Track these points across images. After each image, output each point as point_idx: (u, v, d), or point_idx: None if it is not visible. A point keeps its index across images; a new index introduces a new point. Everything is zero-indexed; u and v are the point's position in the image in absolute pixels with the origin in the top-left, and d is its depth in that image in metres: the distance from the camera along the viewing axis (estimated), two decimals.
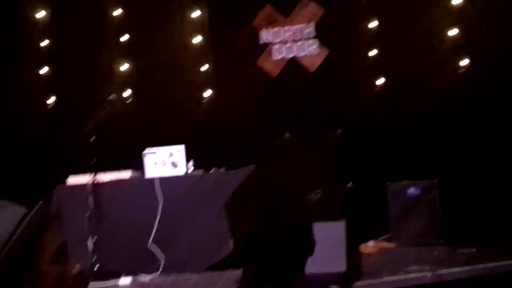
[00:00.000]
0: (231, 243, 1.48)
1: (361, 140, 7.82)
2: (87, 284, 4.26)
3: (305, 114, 8.13)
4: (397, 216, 6.81)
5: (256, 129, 8.22)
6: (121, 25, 8.66)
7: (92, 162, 5.72)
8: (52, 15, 8.74)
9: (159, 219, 5.48)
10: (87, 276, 4.94)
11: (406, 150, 7.62)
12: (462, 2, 7.66)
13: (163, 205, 5.52)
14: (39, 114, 8.47)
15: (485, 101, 7.42)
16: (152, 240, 5.43)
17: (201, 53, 8.52)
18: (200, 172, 5.91)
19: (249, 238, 1.59)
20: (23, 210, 1.55)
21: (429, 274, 4.21)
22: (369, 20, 8.00)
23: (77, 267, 1.44)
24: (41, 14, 8.68)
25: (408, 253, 5.83)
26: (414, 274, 4.28)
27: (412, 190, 6.80)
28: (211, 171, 6.01)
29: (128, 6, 8.66)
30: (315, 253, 1.69)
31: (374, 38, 8.00)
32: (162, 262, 5.35)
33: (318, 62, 8.12)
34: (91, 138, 5.80)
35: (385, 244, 6.77)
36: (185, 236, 5.52)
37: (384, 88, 7.90)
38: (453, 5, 7.70)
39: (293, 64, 8.26)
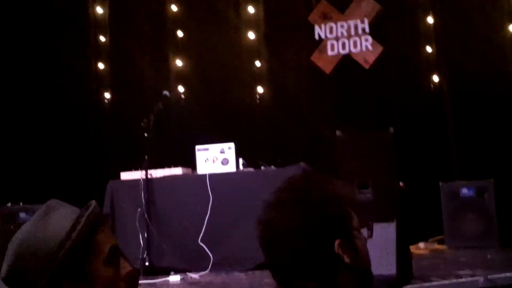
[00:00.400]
0: None
1: (415, 138, 7.72)
2: (138, 280, 4.31)
3: (359, 111, 8.07)
4: (450, 217, 6.69)
5: (309, 126, 8.20)
6: (176, 22, 8.74)
7: (145, 158, 5.79)
8: (110, 11, 8.88)
9: (209, 216, 5.51)
10: (138, 273, 5.01)
11: (461, 149, 7.49)
12: None
13: (213, 202, 5.55)
14: (94, 109, 8.62)
15: None
16: (202, 237, 5.47)
17: (256, 49, 8.53)
18: (250, 169, 5.93)
19: (299, 236, 1.57)
20: (74, 211, 1.57)
21: (481, 279, 4.12)
22: (425, 17, 7.88)
23: (128, 268, 1.45)
24: (99, 10, 8.83)
25: (460, 256, 5.72)
26: (466, 279, 4.19)
27: (466, 191, 6.67)
28: (261, 169, 6.01)
29: (184, 2, 8.74)
30: None
31: (430, 35, 7.87)
32: (212, 260, 5.38)
33: (372, 58, 8.05)
34: (145, 134, 5.86)
35: (436, 246, 6.67)
36: (235, 234, 5.53)
37: (439, 86, 7.78)
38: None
39: (347, 60, 8.21)
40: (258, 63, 8.48)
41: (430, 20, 7.87)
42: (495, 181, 6.59)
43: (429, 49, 7.86)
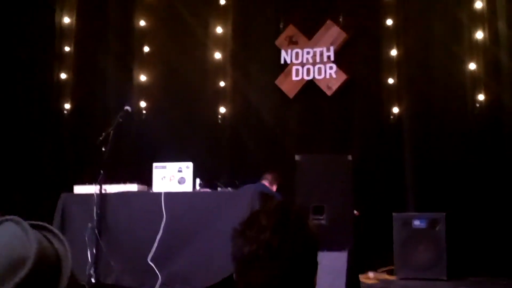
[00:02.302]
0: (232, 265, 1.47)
1: (372, 167, 7.80)
2: None
3: (319, 136, 8.13)
4: (401, 247, 6.75)
5: (269, 149, 8.23)
6: (143, 36, 8.72)
7: (100, 172, 5.73)
8: (77, 21, 8.82)
9: (161, 235, 5.46)
10: None
11: (416, 181, 7.59)
12: (483, 37, 7.63)
13: (166, 221, 5.50)
14: (53, 119, 8.52)
15: (498, 135, 7.39)
16: (152, 256, 5.42)
17: (221, 69, 8.55)
18: (206, 190, 5.91)
19: (249, 263, 1.57)
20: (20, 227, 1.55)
21: None
22: (390, 49, 8.00)
23: None
24: (66, 20, 8.77)
25: (409, 287, 5.77)
26: None
27: (418, 222, 6.75)
28: (218, 190, 6.00)
29: (152, 18, 8.73)
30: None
31: (393, 67, 7.98)
32: (160, 279, 5.34)
33: (335, 86, 8.14)
34: (102, 148, 5.81)
35: (386, 276, 6.72)
36: (186, 254, 5.48)
37: (398, 118, 7.88)
38: (475, 38, 7.66)
39: (311, 85, 8.28)
40: (222, 83, 8.50)
41: (393, 52, 7.99)
42: (447, 214, 6.69)
43: (391, 80, 7.97)
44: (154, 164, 5.94)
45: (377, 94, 8.01)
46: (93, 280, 5.37)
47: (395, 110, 7.91)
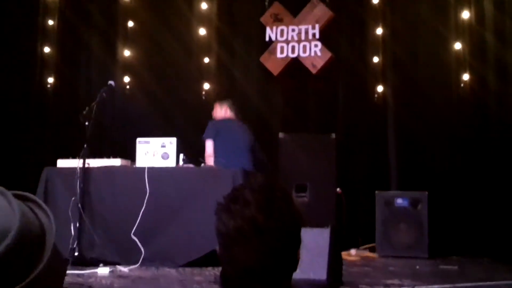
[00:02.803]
0: (216, 241, 1.48)
1: (356, 146, 7.83)
2: (65, 270, 4.24)
3: (303, 114, 8.13)
4: (383, 226, 6.81)
5: (253, 126, 8.21)
6: (128, 11, 8.64)
7: (84, 146, 5.70)
8: None
9: (144, 210, 5.45)
10: (66, 261, 4.94)
11: (399, 160, 7.63)
12: (469, 17, 7.65)
13: (149, 196, 5.49)
14: (36, 93, 8.44)
15: (482, 115, 7.44)
16: (136, 231, 5.41)
17: (206, 45, 8.50)
18: (190, 166, 5.90)
19: (234, 238, 1.56)
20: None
21: None
22: (375, 28, 8.00)
23: None
24: None
25: (390, 265, 5.81)
26: None
27: (400, 201, 6.80)
28: (201, 166, 5.99)
29: None
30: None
31: (378, 46, 7.99)
32: (143, 254, 5.34)
33: (320, 64, 8.13)
34: (85, 122, 5.76)
35: (368, 254, 6.77)
36: (169, 229, 5.48)
37: (383, 97, 7.90)
38: (461, 18, 7.68)
39: (295, 63, 8.26)
40: (207, 59, 8.46)
41: (379, 31, 7.99)
42: (429, 194, 6.74)
43: (376, 59, 7.98)
44: (138, 139, 5.92)
45: (362, 73, 8.02)
46: (76, 254, 5.36)
47: (380, 89, 7.93)
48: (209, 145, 6.36)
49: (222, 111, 6.80)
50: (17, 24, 8.27)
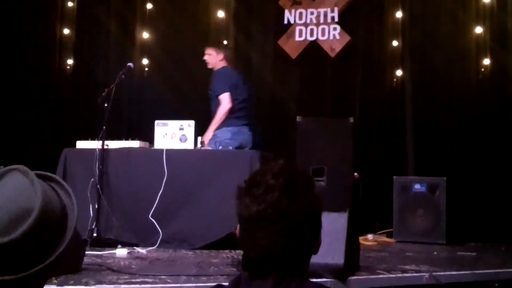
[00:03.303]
0: (233, 224, 1.49)
1: (373, 130, 7.79)
2: (85, 250, 4.28)
3: (321, 98, 8.10)
4: (401, 211, 6.78)
5: (271, 109, 8.21)
6: None
7: (102, 128, 5.72)
8: None
9: (162, 192, 5.47)
10: (85, 242, 4.97)
11: (417, 145, 7.58)
12: (490, 1, 7.56)
13: (167, 178, 5.51)
14: (56, 75, 8.45)
15: (502, 101, 7.38)
16: (153, 212, 5.43)
17: (223, 28, 8.47)
18: (208, 148, 5.90)
19: (257, 223, 1.56)
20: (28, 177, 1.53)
21: (426, 275, 4.18)
22: (394, 11, 7.93)
23: None
24: None
25: (407, 251, 5.80)
26: (411, 274, 4.25)
27: (418, 186, 6.76)
28: (219, 149, 5.99)
29: None
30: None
31: (397, 30, 7.92)
32: (161, 236, 5.36)
33: (339, 47, 8.08)
34: (104, 104, 5.79)
35: (385, 239, 6.76)
36: (186, 211, 5.51)
37: (401, 81, 7.85)
38: (482, 3, 7.59)
39: (314, 47, 8.21)
40: (225, 42, 8.42)
41: (398, 14, 7.92)
42: (447, 179, 6.70)
43: (395, 43, 7.91)
44: (156, 122, 5.94)
45: (381, 57, 7.96)
46: (94, 235, 5.40)
47: (398, 73, 7.87)
48: (229, 99, 6.29)
49: (222, 59, 6.67)
50: (36, 5, 8.28)
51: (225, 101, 6.29)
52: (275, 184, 1.56)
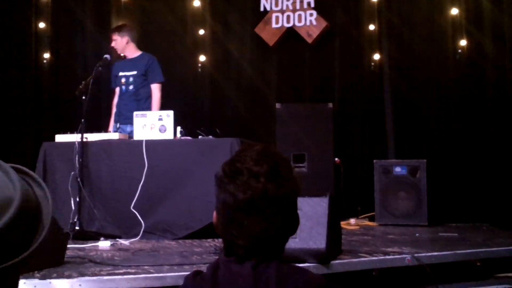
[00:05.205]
0: (214, 212, 1.48)
1: (353, 115, 7.82)
2: (67, 243, 4.25)
3: (300, 84, 8.11)
4: (382, 194, 6.81)
5: (250, 97, 8.20)
6: None
7: (81, 121, 5.68)
8: None
9: (143, 183, 5.45)
10: (67, 235, 4.94)
11: (397, 128, 7.62)
12: None
13: (148, 169, 5.49)
14: (33, 69, 8.36)
15: (479, 81, 7.42)
16: (135, 204, 5.41)
17: (200, 17, 8.42)
18: (188, 138, 5.88)
19: (245, 210, 1.54)
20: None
21: (408, 257, 4.21)
22: None
23: None
24: None
25: (389, 233, 5.83)
26: (393, 256, 4.27)
27: (399, 169, 6.80)
28: (199, 138, 5.97)
29: None
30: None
31: (373, 14, 7.94)
32: (143, 227, 5.35)
33: (316, 33, 8.08)
34: (82, 97, 5.74)
35: (367, 223, 6.80)
36: (168, 202, 5.49)
37: (379, 65, 7.87)
38: None
39: (291, 33, 8.20)
40: (202, 31, 8.40)
41: None
42: (428, 161, 6.74)
43: (372, 27, 7.93)
44: (135, 113, 5.91)
45: (358, 42, 7.98)
46: (76, 228, 5.37)
47: (376, 57, 7.90)
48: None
49: (129, 43, 6.70)
50: (10, 0, 8.19)
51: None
52: (260, 171, 1.55)
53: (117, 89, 6.74)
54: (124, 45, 6.61)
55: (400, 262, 4.20)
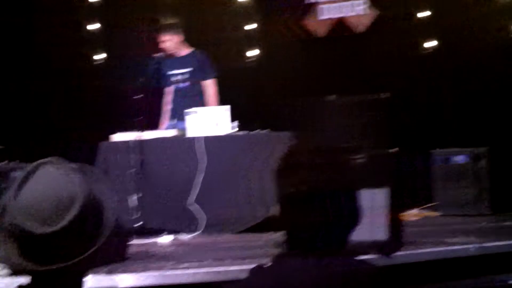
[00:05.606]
0: (272, 205, 1.46)
1: (410, 104, 7.70)
2: (130, 240, 4.32)
3: (352, 75, 8.02)
4: (443, 184, 6.67)
5: (301, 91, 8.15)
6: None
7: (137, 119, 5.75)
8: None
9: (201, 179, 5.49)
10: (130, 231, 5.01)
11: (456, 115, 7.47)
12: None
13: (206, 164, 5.52)
14: (89, 69, 8.51)
15: None
16: (193, 199, 5.46)
17: (248, 11, 8.43)
18: (243, 132, 5.89)
19: (292, 202, 1.56)
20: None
21: (473, 246, 4.12)
22: None
23: None
24: None
25: (452, 223, 5.71)
26: (458, 246, 4.19)
27: (459, 158, 6.64)
28: (255, 132, 5.97)
29: None
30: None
31: (426, 1, 7.79)
32: (203, 222, 5.38)
33: (366, 23, 7.97)
34: (137, 96, 5.82)
35: (429, 213, 6.67)
36: (227, 196, 5.52)
37: (435, 51, 7.72)
38: None
39: (341, 23, 8.12)
40: (250, 25, 8.39)
41: None
42: (489, 149, 6.57)
43: (425, 13, 7.78)
44: (190, 109, 5.94)
45: (411, 28, 7.84)
46: (138, 224, 5.43)
47: (432, 43, 7.75)
48: None
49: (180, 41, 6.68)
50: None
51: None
52: (319, 163, 1.55)
53: (168, 88, 6.76)
54: (176, 43, 6.63)
55: (463, 252, 4.11)
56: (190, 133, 5.81)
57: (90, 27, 8.60)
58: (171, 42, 6.58)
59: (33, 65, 8.05)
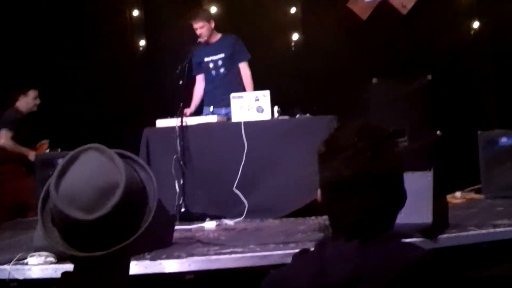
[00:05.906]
0: (316, 190, 1.48)
1: (453, 86, 7.60)
2: (174, 225, 4.37)
3: (395, 58, 7.94)
4: (488, 166, 6.57)
5: (344, 74, 8.10)
6: None
7: (180, 105, 5.81)
8: None
9: (244, 164, 5.52)
10: (174, 217, 5.08)
11: (501, 97, 7.35)
12: None
13: (248, 150, 5.55)
14: (129, 57, 8.60)
15: None
16: (237, 184, 5.49)
17: None
18: (285, 117, 5.90)
19: (350, 188, 1.53)
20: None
21: None
22: None
23: None
24: None
25: (497, 206, 5.63)
26: (504, 228, 4.14)
27: (505, 140, 6.53)
28: (296, 117, 5.96)
29: None
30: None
31: None
32: (246, 207, 5.42)
33: (411, 4, 7.87)
34: (179, 81, 5.86)
35: (473, 196, 6.58)
36: (269, 181, 5.54)
37: (479, 33, 7.59)
38: None
39: (384, 6, 8.03)
40: (294, 9, 8.36)
41: None
42: None
43: None
44: (232, 95, 5.96)
45: (455, 10, 7.71)
46: (182, 210, 5.50)
47: (476, 25, 7.62)
48: None
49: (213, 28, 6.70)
50: None
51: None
52: (364, 146, 1.53)
53: (200, 76, 6.78)
54: (211, 30, 6.65)
55: (510, 235, 4.06)
56: (235, 117, 5.84)
57: (133, 15, 8.67)
58: (206, 29, 6.60)
59: (76, 54, 8.15)
